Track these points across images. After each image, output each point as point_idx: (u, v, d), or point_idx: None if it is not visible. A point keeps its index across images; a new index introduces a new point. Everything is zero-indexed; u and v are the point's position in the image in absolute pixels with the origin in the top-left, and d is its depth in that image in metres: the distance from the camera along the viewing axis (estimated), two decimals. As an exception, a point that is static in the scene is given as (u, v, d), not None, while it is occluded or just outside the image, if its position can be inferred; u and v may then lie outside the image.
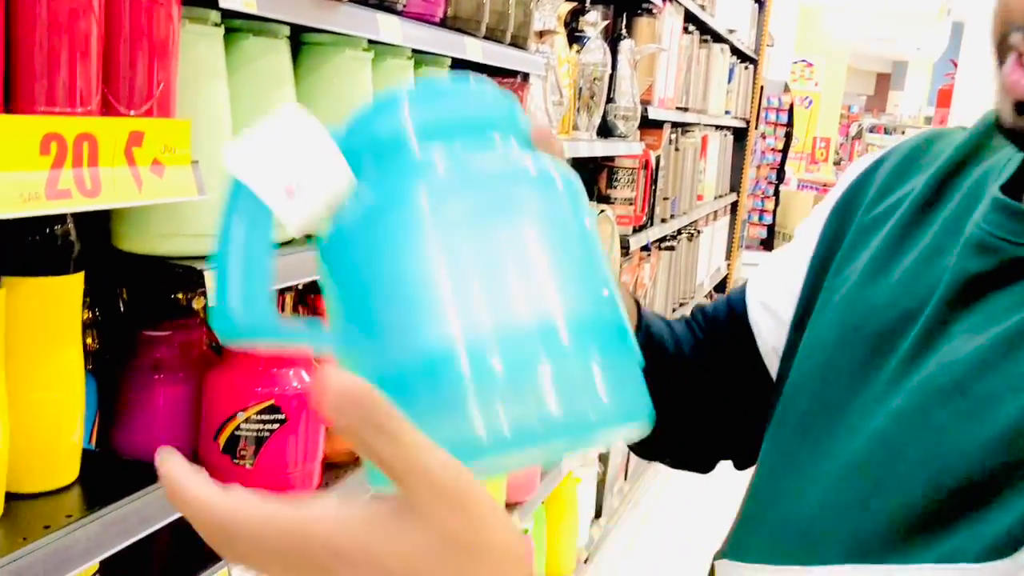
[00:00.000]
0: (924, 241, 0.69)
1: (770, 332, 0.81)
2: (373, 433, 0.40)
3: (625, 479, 3.89)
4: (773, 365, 0.81)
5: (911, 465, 0.59)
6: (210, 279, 1.11)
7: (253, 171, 0.49)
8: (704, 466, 0.90)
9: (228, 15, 1.19)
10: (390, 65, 1.56)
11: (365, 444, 0.40)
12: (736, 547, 0.73)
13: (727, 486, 1.18)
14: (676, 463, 0.91)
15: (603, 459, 3.45)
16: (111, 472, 1.09)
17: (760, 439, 0.75)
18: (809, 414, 0.70)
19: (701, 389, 0.84)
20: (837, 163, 11.60)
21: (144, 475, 1.06)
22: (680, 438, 0.87)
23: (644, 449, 0.90)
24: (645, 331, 0.81)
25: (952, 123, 4.42)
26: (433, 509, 0.40)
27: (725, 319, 0.86)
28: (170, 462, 0.43)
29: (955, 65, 5.37)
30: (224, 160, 0.50)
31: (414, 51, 1.62)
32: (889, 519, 0.59)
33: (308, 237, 0.92)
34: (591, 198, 3.30)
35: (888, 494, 0.60)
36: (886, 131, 12.67)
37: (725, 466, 0.91)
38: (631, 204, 3.43)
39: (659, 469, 4.37)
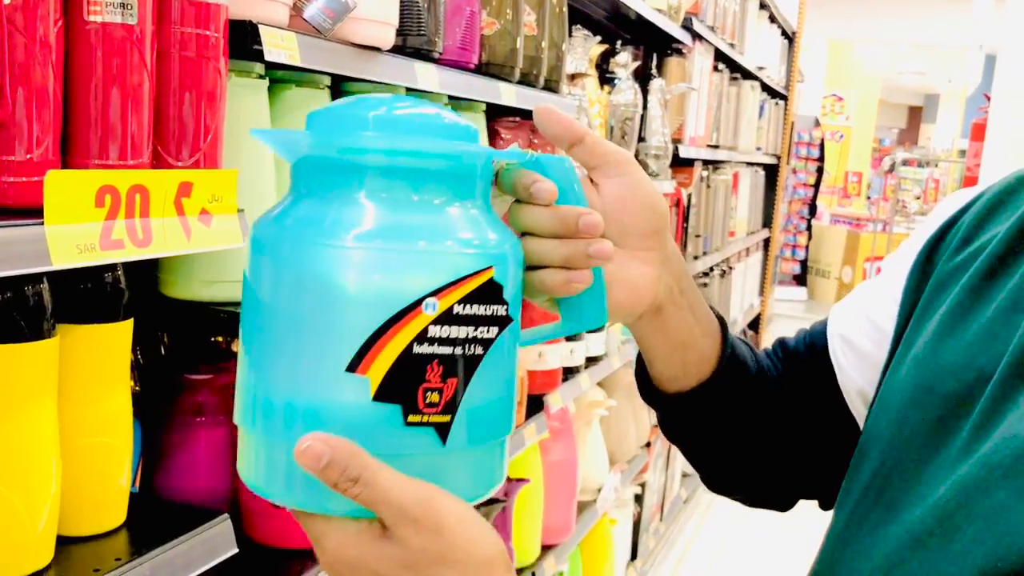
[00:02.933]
0: (1001, 295, 0.64)
1: (852, 369, 0.79)
2: (350, 484, 0.52)
3: (661, 520, 3.85)
4: (857, 407, 0.79)
5: (966, 543, 0.56)
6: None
7: None
8: (782, 503, 0.88)
9: (272, 66, 1.23)
10: (427, 111, 1.59)
11: (345, 492, 0.53)
12: None
13: (762, 529, 1.17)
14: (751, 499, 0.88)
15: (639, 500, 3.42)
16: (156, 515, 1.10)
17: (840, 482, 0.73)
18: (881, 473, 0.67)
19: (781, 419, 0.82)
20: (869, 197, 11.54)
21: (189, 518, 1.07)
22: (758, 471, 0.85)
23: (717, 482, 0.88)
24: (730, 353, 0.79)
25: (987, 157, 4.34)
26: (403, 531, 0.54)
27: (806, 351, 0.85)
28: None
29: (988, 99, 5.33)
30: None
31: (450, 97, 1.65)
32: None
33: None
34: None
35: (942, 570, 0.57)
36: (920, 164, 12.59)
37: (763, 510, 0.90)
38: (663, 242, 3.43)
39: (695, 510, 4.32)
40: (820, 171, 10.58)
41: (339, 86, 1.44)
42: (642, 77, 3.07)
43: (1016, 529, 0.54)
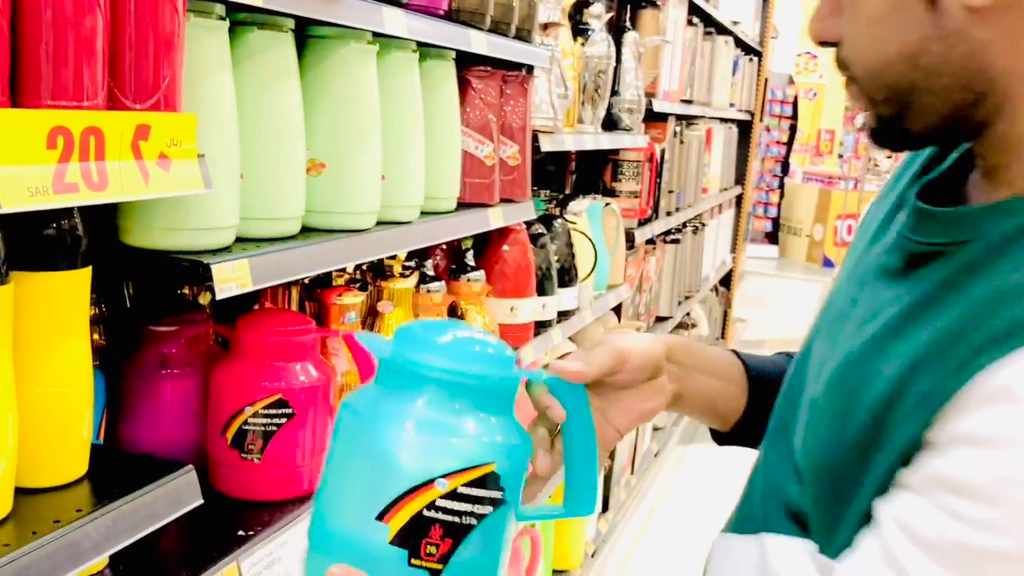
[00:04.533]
0: (882, 239, 0.80)
1: None
2: None
3: (632, 473, 3.88)
4: None
5: (795, 444, 0.81)
6: (217, 272, 1.11)
7: None
8: None
9: (233, 7, 1.19)
10: (395, 58, 1.56)
11: None
12: (728, 522, 0.89)
13: (730, 481, 1.18)
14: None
15: (610, 454, 3.44)
16: (120, 467, 1.08)
17: None
18: (782, 397, 0.88)
19: None
20: (841, 156, 11.58)
21: (153, 470, 1.06)
22: None
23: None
24: (755, 376, 0.95)
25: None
26: None
27: None
28: None
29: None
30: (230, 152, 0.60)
31: (419, 44, 1.61)
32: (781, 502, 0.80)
33: (309, 230, 1.04)
34: (597, 192, 3.30)
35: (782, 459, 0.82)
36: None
37: (731, 460, 0.95)
38: (636, 197, 3.42)
39: (665, 463, 4.37)
40: (793, 129, 10.58)
41: (304, 29, 1.40)
42: (616, 29, 3.04)
43: (820, 433, 0.75)
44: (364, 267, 1.76)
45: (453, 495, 0.71)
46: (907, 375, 0.67)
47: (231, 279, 1.12)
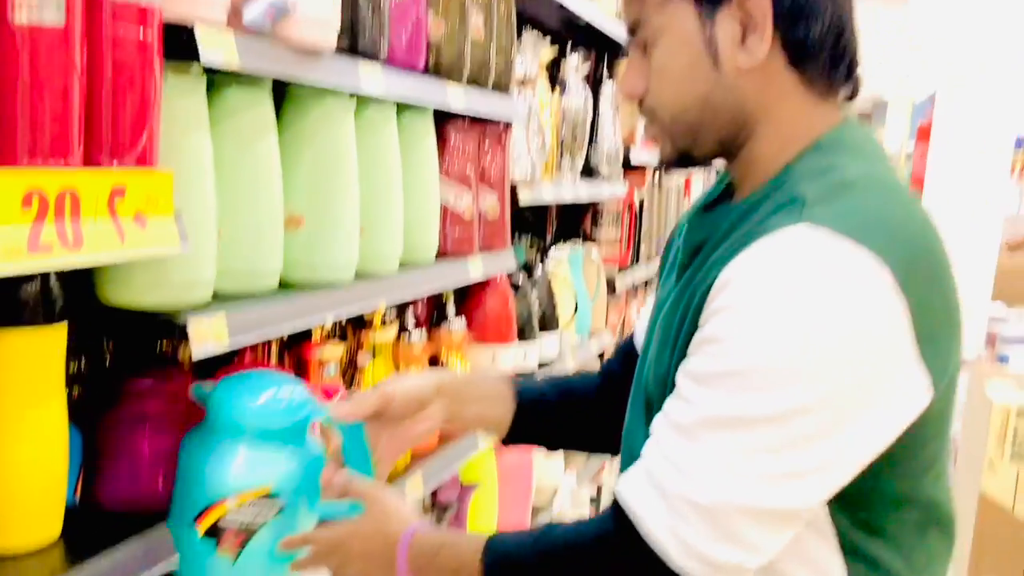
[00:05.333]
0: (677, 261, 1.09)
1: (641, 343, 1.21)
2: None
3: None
4: None
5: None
6: (194, 330, 1.11)
7: None
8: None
9: (211, 68, 1.21)
10: (373, 112, 1.58)
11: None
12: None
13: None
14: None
15: (595, 501, 3.42)
16: (95, 526, 1.07)
17: None
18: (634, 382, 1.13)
19: (610, 404, 1.23)
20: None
21: (125, 527, 1.05)
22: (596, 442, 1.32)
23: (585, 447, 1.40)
24: (521, 393, 1.25)
25: (933, 158, 4.41)
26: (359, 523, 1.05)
27: (622, 351, 1.31)
28: None
29: (932, 104, 5.45)
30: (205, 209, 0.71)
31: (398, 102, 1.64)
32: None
33: (287, 284, 1.15)
34: (578, 238, 3.32)
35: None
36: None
37: None
38: (617, 244, 3.44)
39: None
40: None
41: (282, 84, 1.42)
42: (593, 81, 3.08)
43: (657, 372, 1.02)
44: (343, 321, 1.76)
45: (240, 509, 1.09)
46: (687, 311, 0.95)
47: (208, 337, 1.12)
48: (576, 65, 2.78)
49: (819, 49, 0.96)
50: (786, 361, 0.85)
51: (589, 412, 1.29)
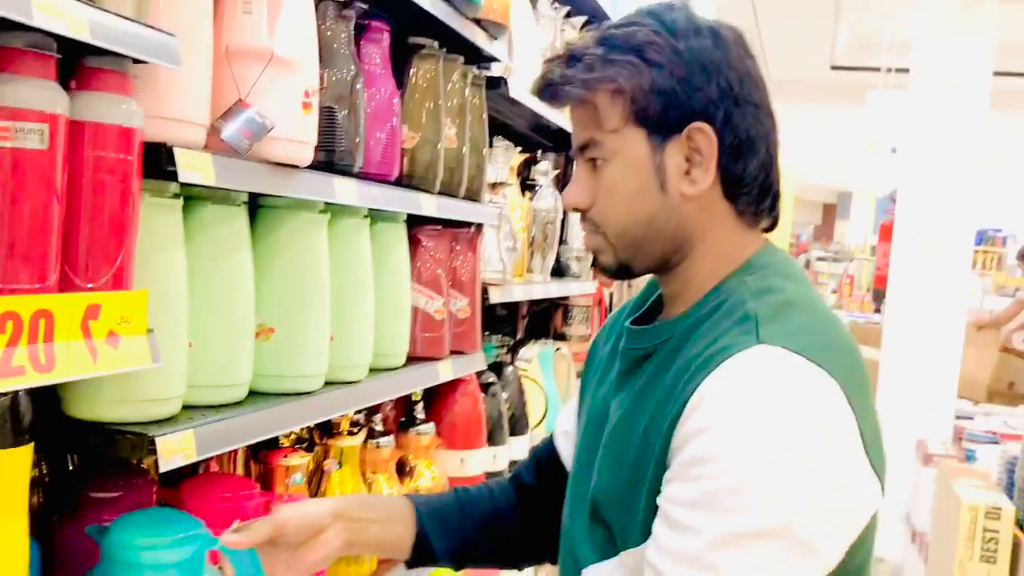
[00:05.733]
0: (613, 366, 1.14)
1: (567, 449, 1.25)
2: None
3: None
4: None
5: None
6: (162, 445, 1.11)
7: None
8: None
9: (187, 183, 1.24)
10: (346, 224, 1.62)
11: None
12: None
13: None
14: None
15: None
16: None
17: None
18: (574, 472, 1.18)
19: (535, 508, 1.28)
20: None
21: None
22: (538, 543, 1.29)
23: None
24: (422, 514, 1.25)
25: (895, 255, 4.48)
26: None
27: (535, 463, 1.33)
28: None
29: (893, 202, 5.60)
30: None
31: (370, 208, 1.68)
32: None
33: (257, 393, 1.18)
34: (548, 337, 3.35)
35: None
36: (835, 259, 13.07)
37: None
38: (587, 341, 3.47)
39: None
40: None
41: (256, 199, 1.45)
42: (563, 183, 3.16)
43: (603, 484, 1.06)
44: (311, 425, 1.76)
45: None
46: (646, 434, 0.99)
47: (176, 451, 1.12)
48: (546, 169, 2.85)
49: (752, 184, 1.05)
50: (773, 472, 0.89)
51: (501, 526, 1.30)
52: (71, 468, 1.42)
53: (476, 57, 2.11)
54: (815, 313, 1.02)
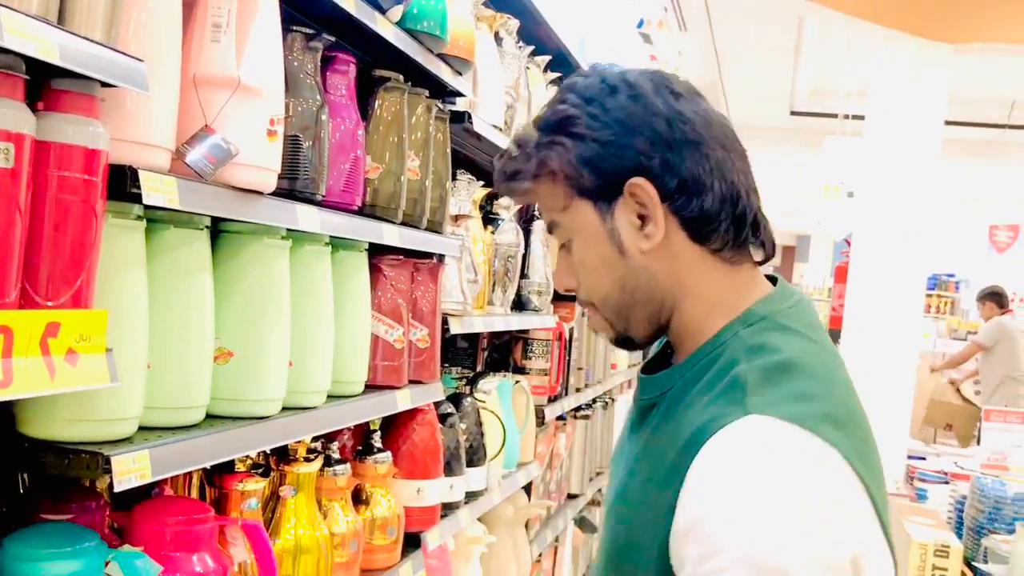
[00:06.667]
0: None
1: None
2: None
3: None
4: None
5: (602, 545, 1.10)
6: (117, 464, 1.12)
7: None
8: None
9: (152, 206, 1.25)
10: (308, 250, 1.64)
11: None
12: None
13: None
14: None
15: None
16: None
17: None
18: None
19: None
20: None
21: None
22: None
23: None
24: None
25: (849, 297, 4.56)
26: None
27: None
28: None
29: (848, 244, 5.72)
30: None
31: (332, 237, 1.70)
32: None
33: (214, 416, 1.13)
34: (507, 369, 3.37)
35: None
36: (793, 301, 13.19)
37: None
38: (546, 375, 3.50)
39: None
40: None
41: (218, 223, 1.47)
42: (525, 217, 3.21)
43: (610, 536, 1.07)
44: (268, 450, 1.76)
45: None
46: (643, 506, 0.99)
47: (131, 471, 1.13)
48: (508, 203, 2.89)
49: (716, 219, 1.03)
50: (775, 553, 0.86)
51: None
52: (22, 490, 1.41)
53: (441, 92, 2.15)
54: (813, 374, 0.97)
